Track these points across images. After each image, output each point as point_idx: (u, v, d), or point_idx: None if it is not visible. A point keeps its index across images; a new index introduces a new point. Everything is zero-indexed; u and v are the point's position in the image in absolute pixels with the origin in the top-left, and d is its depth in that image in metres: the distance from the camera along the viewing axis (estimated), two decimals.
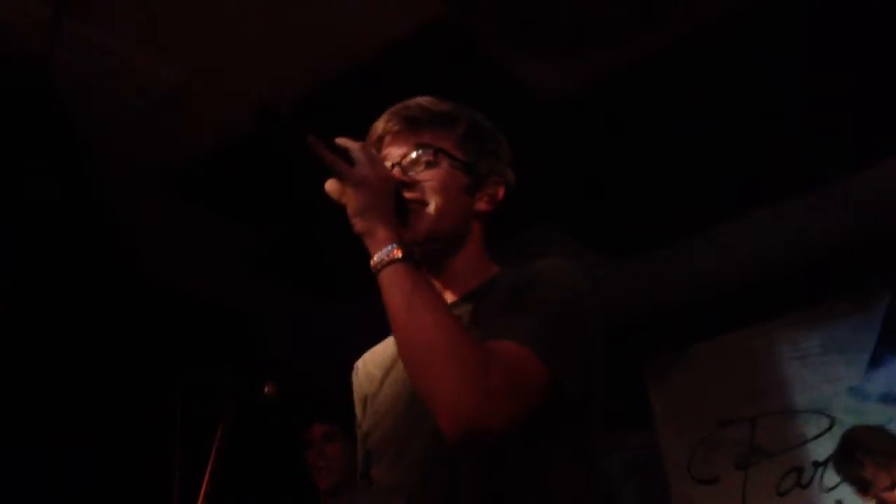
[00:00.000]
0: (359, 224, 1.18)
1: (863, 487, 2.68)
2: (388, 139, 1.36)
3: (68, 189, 2.72)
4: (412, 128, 1.34)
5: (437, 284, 1.34)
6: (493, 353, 1.10)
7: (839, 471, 2.84)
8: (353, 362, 1.49)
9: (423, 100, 1.38)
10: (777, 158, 3.30)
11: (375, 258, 1.15)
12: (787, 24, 2.68)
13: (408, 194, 1.28)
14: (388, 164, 1.31)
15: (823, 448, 3.96)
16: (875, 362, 3.94)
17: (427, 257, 1.32)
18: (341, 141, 1.21)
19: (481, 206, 1.38)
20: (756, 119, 3.08)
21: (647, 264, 4.06)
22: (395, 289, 1.13)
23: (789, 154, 3.29)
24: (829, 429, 3.98)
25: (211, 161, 3.10)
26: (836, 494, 3.74)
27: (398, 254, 1.15)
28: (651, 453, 4.50)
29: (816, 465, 3.98)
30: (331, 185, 1.22)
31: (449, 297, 1.34)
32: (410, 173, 1.32)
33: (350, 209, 1.19)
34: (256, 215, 3.44)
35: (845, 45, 2.77)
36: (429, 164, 1.32)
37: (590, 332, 1.24)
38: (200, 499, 1.90)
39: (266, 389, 2.15)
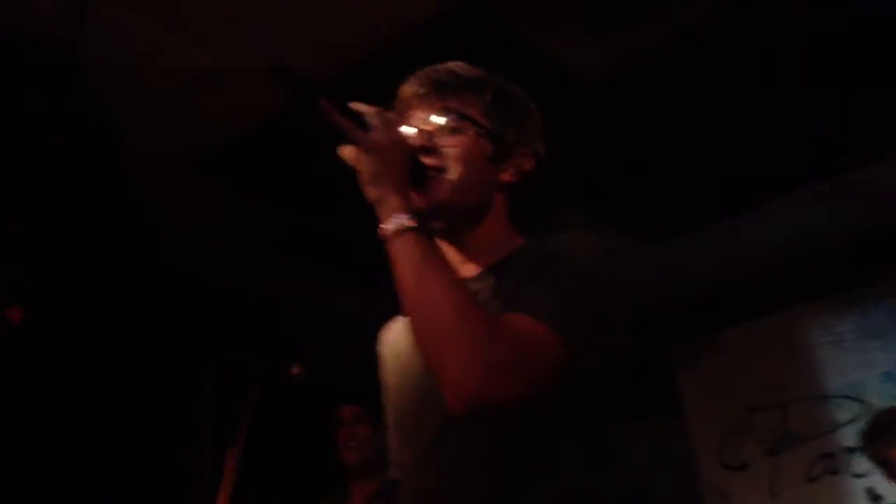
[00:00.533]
0: (371, 191, 1.15)
1: (890, 472, 2.61)
2: (414, 102, 1.31)
3: (94, 172, 2.74)
4: (439, 92, 1.30)
5: (460, 256, 1.31)
6: (504, 325, 1.07)
7: (866, 453, 2.77)
8: (375, 345, 1.46)
9: (453, 64, 1.34)
10: (811, 139, 3.24)
11: (386, 227, 1.12)
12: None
13: (428, 160, 1.24)
14: (411, 127, 1.27)
15: (855, 434, 3.91)
16: None
17: (447, 228, 1.29)
18: (356, 105, 1.17)
19: (506, 176, 1.33)
20: (792, 97, 3.02)
21: (676, 249, 4.02)
22: (405, 259, 1.10)
23: (824, 135, 3.23)
24: (862, 414, 3.92)
25: (237, 144, 3.11)
26: (866, 481, 3.69)
27: (409, 223, 1.11)
28: (680, 441, 4.46)
29: (848, 451, 3.93)
30: (346, 151, 1.18)
31: (471, 270, 1.30)
32: (434, 139, 1.27)
33: (363, 176, 1.15)
34: (281, 198, 3.45)
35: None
36: (453, 131, 1.28)
37: (612, 309, 1.19)
38: (228, 477, 1.91)
39: (293, 371, 2.16)
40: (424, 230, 1.13)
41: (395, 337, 1.40)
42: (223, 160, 3.22)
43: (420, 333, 1.09)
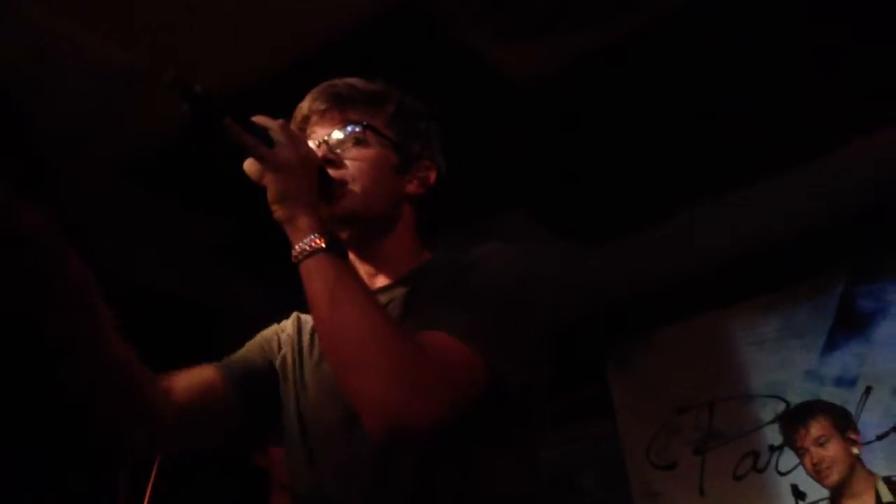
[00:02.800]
0: (278, 211, 1.11)
1: (803, 458, 2.69)
2: (314, 119, 1.29)
3: (19, 177, 2.62)
4: (340, 106, 1.28)
5: (367, 269, 1.29)
6: (424, 347, 1.03)
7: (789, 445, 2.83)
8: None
9: (351, 79, 1.32)
10: (739, 146, 3.32)
11: (297, 248, 1.09)
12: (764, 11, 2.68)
13: (334, 172, 1.22)
14: (313, 143, 1.24)
15: (779, 432, 4.02)
16: (830, 346, 4.00)
17: (355, 240, 1.27)
18: (260, 119, 1.13)
19: (412, 188, 1.32)
20: (725, 104, 3.09)
21: (609, 251, 4.07)
22: (318, 281, 1.06)
23: (752, 141, 3.31)
24: (785, 413, 4.04)
25: (169, 147, 3.02)
26: (791, 478, 3.80)
27: (320, 243, 1.08)
28: (611, 441, 4.52)
29: (772, 448, 4.03)
30: (249, 167, 1.14)
31: (379, 282, 1.28)
32: (337, 152, 1.25)
33: (269, 195, 1.11)
34: (213, 203, 3.37)
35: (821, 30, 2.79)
36: (357, 142, 1.26)
37: (532, 321, 1.17)
38: (147, 492, 1.85)
39: None
40: (337, 249, 1.09)
41: (305, 335, 1.34)
42: (155, 164, 3.13)
43: (336, 357, 1.05)
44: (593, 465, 4.62)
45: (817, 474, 2.78)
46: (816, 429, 2.80)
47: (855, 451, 2.74)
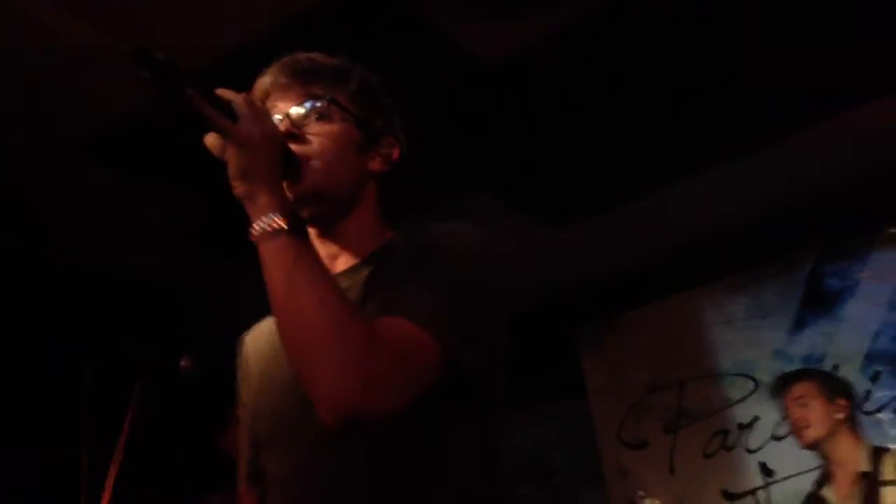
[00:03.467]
0: (239, 187, 1.06)
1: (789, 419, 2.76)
2: (276, 93, 1.24)
3: None
4: (302, 80, 1.24)
5: (330, 249, 1.26)
6: (382, 333, 1.01)
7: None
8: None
9: (312, 54, 1.28)
10: (709, 123, 3.33)
11: (256, 227, 1.04)
12: None
13: (296, 147, 1.18)
14: (275, 118, 1.20)
15: (748, 410, 4.07)
16: (797, 325, 4.04)
17: (317, 217, 1.24)
18: (223, 92, 1.09)
19: (375, 164, 1.28)
20: (692, 82, 3.08)
21: (581, 232, 4.07)
22: (276, 263, 1.02)
23: (716, 121, 3.32)
24: (754, 391, 4.07)
25: (130, 124, 2.96)
26: (759, 456, 3.84)
27: (281, 223, 1.03)
28: (583, 421, 4.55)
29: (741, 426, 4.08)
30: (211, 140, 1.10)
31: (342, 263, 1.25)
32: (301, 127, 1.21)
33: (231, 170, 1.07)
34: (179, 181, 3.31)
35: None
36: (320, 117, 1.22)
37: (491, 301, 1.15)
38: (111, 475, 1.81)
39: (182, 363, 2.05)
40: (299, 230, 1.06)
41: (261, 340, 1.32)
42: (116, 141, 3.06)
43: (291, 343, 1.02)
44: (565, 445, 4.65)
45: (797, 433, 2.87)
46: (799, 389, 2.90)
47: (839, 415, 2.79)
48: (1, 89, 2.64)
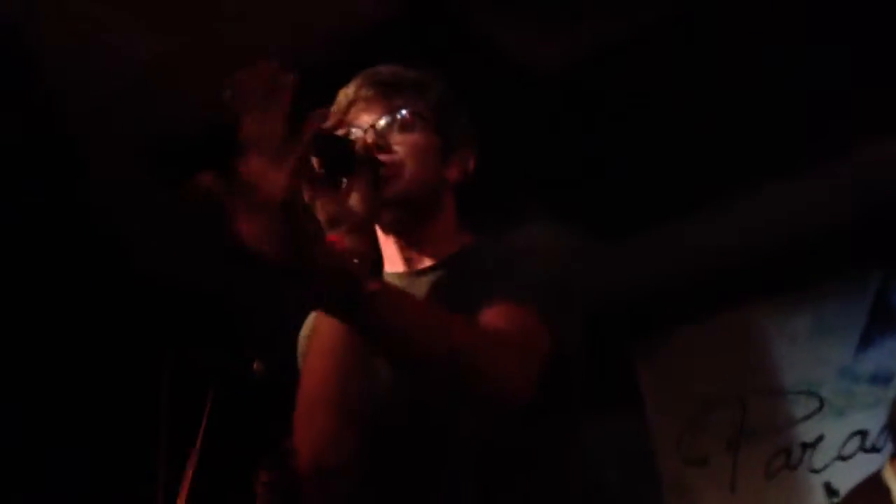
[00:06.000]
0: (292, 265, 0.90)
1: None
2: (360, 105, 1.28)
3: (49, 167, 2.67)
4: (385, 93, 1.28)
5: (409, 253, 1.31)
6: (494, 324, 1.08)
7: (891, 422, 2.70)
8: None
9: (393, 67, 1.33)
10: (766, 139, 3.29)
11: (344, 302, 0.95)
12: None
13: (383, 157, 1.23)
14: (359, 129, 1.25)
15: (812, 429, 3.97)
16: (865, 343, 3.95)
17: (400, 224, 1.29)
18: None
19: (453, 174, 1.33)
20: (752, 96, 3.05)
21: (636, 246, 4.04)
22: (391, 320, 0.98)
23: (780, 135, 3.28)
24: (819, 410, 3.99)
25: (198, 138, 3.05)
26: (824, 476, 3.76)
27: (370, 285, 0.95)
28: (639, 435, 4.50)
29: (805, 446, 3.99)
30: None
31: (422, 263, 1.30)
32: (385, 138, 1.26)
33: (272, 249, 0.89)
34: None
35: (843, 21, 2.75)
36: (403, 128, 1.27)
37: (578, 302, 1.22)
38: (187, 479, 1.87)
39: (255, 367, 2.11)
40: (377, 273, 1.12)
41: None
42: (183, 155, 3.16)
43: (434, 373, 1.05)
44: (622, 459, 4.60)
45: None
46: None
47: None
48: (77, 102, 2.75)
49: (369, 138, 1.23)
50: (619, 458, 4.55)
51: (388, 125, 1.26)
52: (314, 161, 1.12)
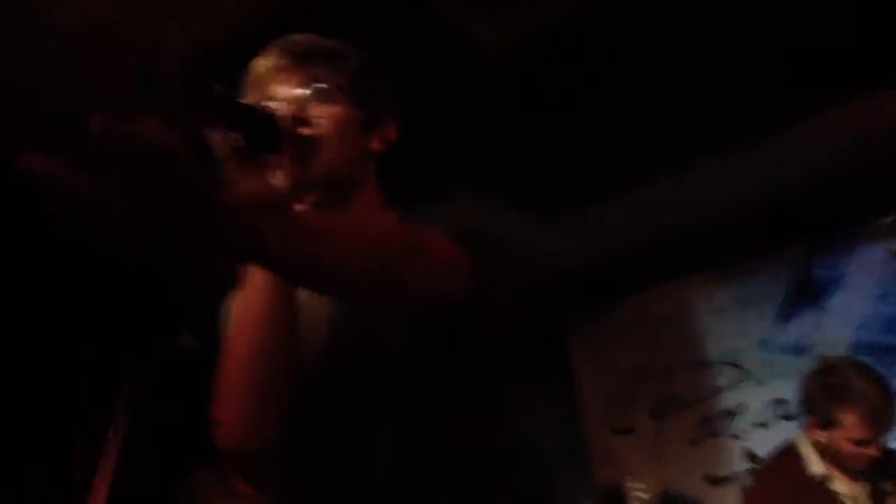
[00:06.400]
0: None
1: (824, 423, 2.53)
2: (275, 74, 1.24)
3: None
4: (303, 62, 1.24)
5: None
6: (422, 235, 1.09)
7: (806, 393, 2.63)
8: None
9: (308, 35, 1.29)
10: (702, 118, 3.35)
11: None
12: None
13: (304, 131, 1.18)
14: (276, 101, 1.21)
15: (734, 398, 4.12)
16: (784, 315, 4.09)
17: (324, 201, 1.24)
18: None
19: (375, 144, 1.30)
20: (680, 76, 3.11)
21: (568, 222, 4.10)
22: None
23: (705, 115, 3.34)
24: (740, 379, 4.12)
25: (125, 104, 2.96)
26: (745, 442, 3.90)
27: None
28: (571, 406, 4.59)
29: (728, 414, 4.13)
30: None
31: None
32: (305, 110, 1.21)
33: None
34: None
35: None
36: (323, 100, 1.23)
37: (508, 268, 1.23)
38: (107, 461, 1.83)
39: (181, 340, 2.06)
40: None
41: None
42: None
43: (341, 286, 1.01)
44: (552, 430, 4.69)
45: None
46: None
47: None
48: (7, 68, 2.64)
49: (289, 111, 1.18)
50: (549, 428, 4.65)
51: (307, 97, 1.22)
52: (235, 136, 1.09)
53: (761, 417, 3.97)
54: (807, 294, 4.06)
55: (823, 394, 2.57)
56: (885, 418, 2.50)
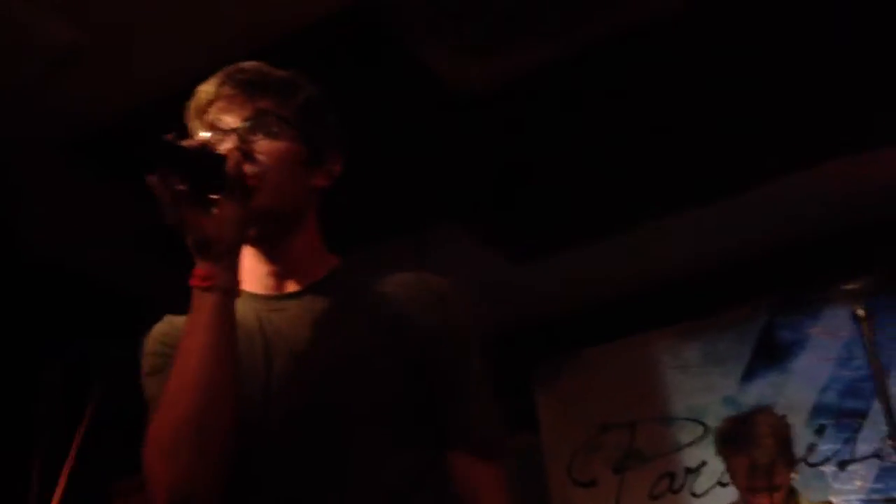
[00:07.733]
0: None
1: (733, 477, 2.73)
2: (220, 104, 1.21)
3: None
4: (249, 93, 1.21)
5: (274, 269, 1.24)
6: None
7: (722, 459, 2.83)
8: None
9: (258, 64, 1.26)
10: (668, 173, 3.41)
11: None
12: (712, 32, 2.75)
13: (247, 168, 1.15)
14: (219, 132, 1.18)
15: (696, 455, 4.12)
16: (749, 374, 4.12)
17: (265, 237, 1.22)
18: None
19: (319, 181, 1.27)
20: (657, 128, 3.16)
21: (541, 268, 4.11)
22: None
23: (679, 169, 3.40)
24: (703, 436, 4.13)
25: (106, 128, 2.96)
26: (705, 501, 3.89)
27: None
28: (534, 456, 4.56)
29: (688, 471, 4.13)
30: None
31: (288, 285, 1.24)
32: (249, 144, 1.18)
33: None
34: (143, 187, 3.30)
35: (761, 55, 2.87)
36: (268, 134, 1.19)
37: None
38: (64, 475, 1.80)
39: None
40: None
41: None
42: (92, 146, 3.06)
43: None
44: (515, 480, 4.65)
45: None
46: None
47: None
48: None
49: (232, 143, 1.16)
50: (515, 478, 4.60)
51: (252, 129, 1.19)
52: (179, 179, 1.07)
53: (723, 477, 3.96)
54: (770, 355, 4.10)
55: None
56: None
